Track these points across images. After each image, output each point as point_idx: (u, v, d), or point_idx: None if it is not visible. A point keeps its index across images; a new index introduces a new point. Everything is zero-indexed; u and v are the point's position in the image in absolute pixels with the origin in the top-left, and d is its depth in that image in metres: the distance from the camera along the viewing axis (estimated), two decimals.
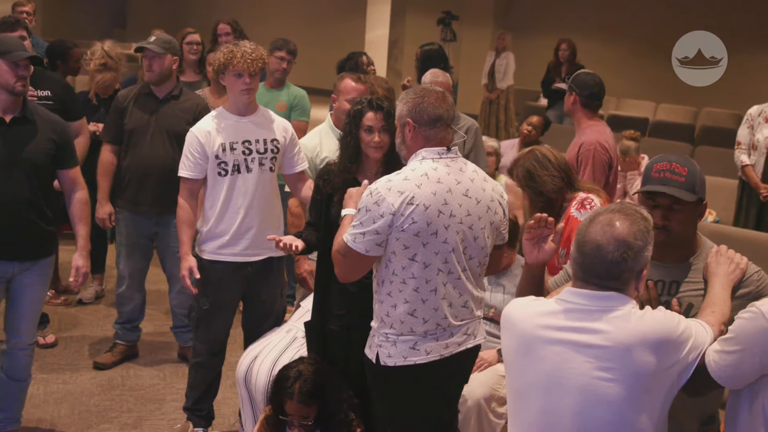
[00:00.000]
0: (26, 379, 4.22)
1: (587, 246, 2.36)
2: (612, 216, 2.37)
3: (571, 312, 2.38)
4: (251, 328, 4.41)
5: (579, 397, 2.34)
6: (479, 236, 3.16)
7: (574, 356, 2.34)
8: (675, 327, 2.34)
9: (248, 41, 4.21)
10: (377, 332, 3.22)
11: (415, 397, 3.23)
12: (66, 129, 4.12)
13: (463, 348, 3.21)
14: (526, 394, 2.48)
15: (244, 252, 4.20)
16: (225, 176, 4.13)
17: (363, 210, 3.06)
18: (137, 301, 5.32)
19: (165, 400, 4.89)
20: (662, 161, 2.74)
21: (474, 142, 5.35)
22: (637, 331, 2.30)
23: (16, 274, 3.99)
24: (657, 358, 2.29)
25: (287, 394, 3.45)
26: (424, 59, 6.62)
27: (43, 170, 3.97)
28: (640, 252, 2.34)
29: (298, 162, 4.32)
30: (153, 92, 5.06)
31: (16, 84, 3.83)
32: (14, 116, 3.89)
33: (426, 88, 3.25)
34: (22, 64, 3.84)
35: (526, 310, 2.50)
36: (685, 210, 2.67)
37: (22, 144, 3.89)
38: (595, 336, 2.32)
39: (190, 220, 4.22)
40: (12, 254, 3.93)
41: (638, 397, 2.31)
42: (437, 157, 3.12)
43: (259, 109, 4.26)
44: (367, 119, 3.56)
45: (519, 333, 2.48)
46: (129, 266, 5.21)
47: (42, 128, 3.96)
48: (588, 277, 2.38)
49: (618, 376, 2.30)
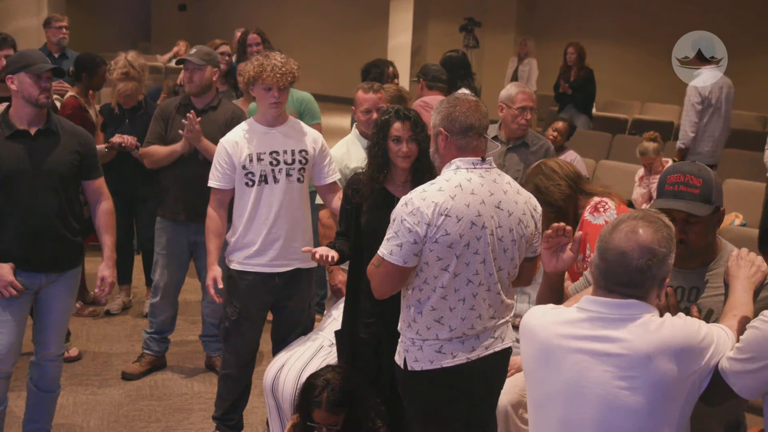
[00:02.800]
0: (55, 390, 4.25)
1: (610, 253, 2.33)
2: (635, 223, 2.34)
3: (591, 320, 2.36)
4: (279, 338, 4.42)
5: (599, 407, 2.32)
6: (509, 248, 3.15)
7: (594, 365, 2.32)
8: (696, 334, 2.31)
9: (279, 53, 4.22)
10: (404, 337, 3.23)
11: (445, 401, 3.22)
12: (90, 140, 4.15)
13: (491, 351, 3.20)
14: (546, 404, 2.46)
15: (271, 263, 4.21)
16: (252, 186, 4.14)
17: (398, 220, 3.05)
18: (169, 313, 5.37)
19: (193, 409, 4.91)
20: (675, 173, 2.70)
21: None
22: (658, 339, 2.27)
23: (44, 286, 4.02)
24: (678, 366, 2.26)
25: (315, 403, 3.45)
26: (447, 66, 6.62)
27: (68, 182, 4.00)
28: (664, 259, 2.32)
29: (329, 173, 4.32)
30: (192, 103, 5.11)
31: (40, 96, 3.86)
32: (39, 128, 3.92)
33: (459, 97, 3.25)
34: (44, 76, 3.87)
35: (546, 318, 2.48)
36: (702, 221, 2.65)
37: (47, 156, 3.92)
38: (614, 345, 2.30)
39: (219, 230, 4.24)
40: (39, 266, 3.96)
41: (660, 406, 2.28)
42: (471, 167, 3.11)
43: (288, 120, 4.28)
44: (395, 129, 3.57)
45: (538, 342, 2.46)
46: (165, 276, 5.25)
47: (66, 140, 3.99)
48: (610, 284, 2.35)
49: (638, 385, 2.27)
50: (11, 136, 3.89)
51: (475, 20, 13.28)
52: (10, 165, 3.85)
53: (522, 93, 5.12)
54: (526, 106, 5.05)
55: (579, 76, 9.96)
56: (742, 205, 7.01)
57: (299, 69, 4.18)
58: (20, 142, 3.89)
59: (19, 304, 3.94)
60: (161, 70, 12.70)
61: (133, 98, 5.82)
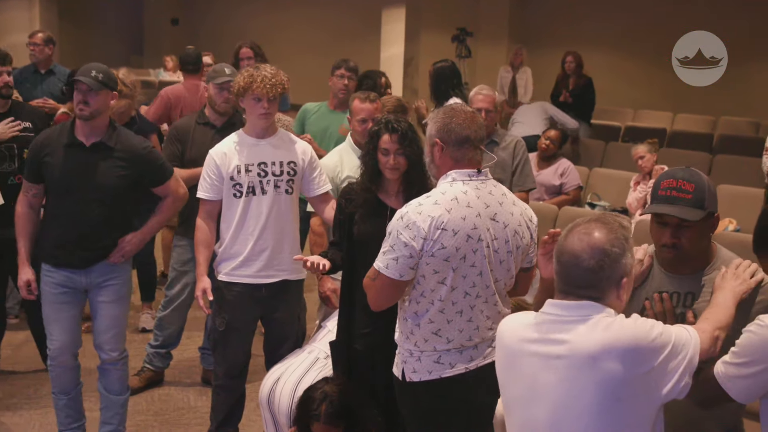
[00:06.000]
0: (123, 392, 4.45)
1: (564, 255, 2.37)
2: (589, 225, 2.37)
3: (545, 323, 2.39)
4: (270, 350, 4.42)
5: (551, 409, 2.34)
6: (505, 260, 3.16)
7: (544, 368, 2.35)
8: (646, 334, 2.29)
9: (269, 65, 4.23)
10: (401, 348, 3.23)
11: (443, 410, 3.23)
12: (145, 153, 4.24)
13: (488, 360, 3.19)
14: (510, 408, 2.50)
15: (258, 273, 4.21)
16: (240, 198, 4.14)
17: (394, 234, 3.05)
18: (177, 327, 5.37)
19: (190, 424, 4.90)
20: (668, 178, 2.71)
21: (522, 156, 5.35)
22: (602, 339, 2.27)
23: (91, 289, 4.20)
24: (624, 366, 2.25)
25: (314, 416, 3.44)
26: (437, 77, 6.63)
27: (118, 194, 4.14)
28: (617, 259, 2.33)
29: (320, 184, 4.32)
30: (211, 122, 5.08)
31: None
32: (95, 141, 4.08)
33: (455, 107, 3.25)
34: (82, 88, 4.00)
35: (512, 323, 2.52)
36: (695, 227, 2.65)
37: (97, 169, 4.08)
38: (561, 347, 2.32)
39: (207, 241, 4.24)
40: (75, 265, 4.16)
41: (608, 406, 2.28)
42: (467, 180, 3.11)
43: (278, 131, 4.28)
44: (383, 141, 3.58)
45: (503, 346, 2.52)
46: (183, 293, 5.26)
47: (120, 155, 4.12)
48: (567, 287, 2.37)
49: (584, 386, 2.28)
50: (68, 146, 4.09)
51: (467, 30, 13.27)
52: (63, 174, 4.08)
53: (479, 95, 5.30)
54: (481, 108, 5.15)
55: (578, 84, 10.00)
56: (736, 210, 7.00)
57: (289, 81, 4.19)
58: (75, 153, 4.09)
59: (68, 304, 4.22)
60: (154, 84, 12.70)
61: (126, 115, 5.83)
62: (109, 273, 4.23)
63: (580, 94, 9.98)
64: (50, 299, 4.22)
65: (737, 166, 8.65)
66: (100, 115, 4.06)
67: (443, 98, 6.39)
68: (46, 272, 4.22)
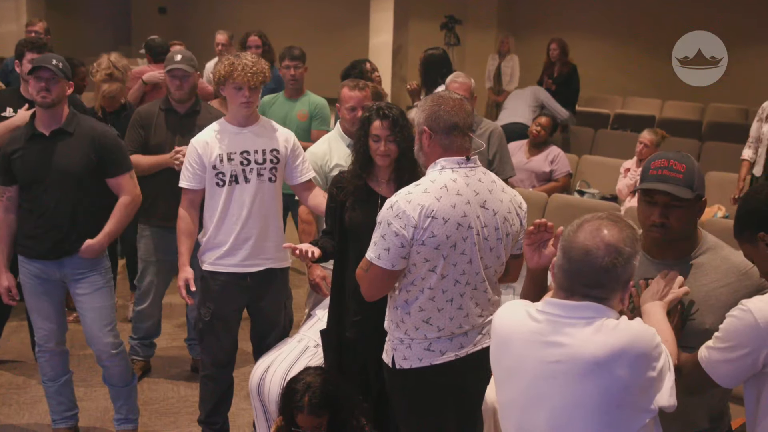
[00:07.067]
0: (127, 383, 4.46)
1: (575, 251, 2.25)
2: (600, 222, 2.27)
3: (546, 324, 2.29)
4: (257, 340, 4.42)
5: (550, 414, 2.27)
6: (495, 247, 3.15)
7: (544, 372, 2.27)
8: (650, 340, 2.23)
9: (250, 54, 4.20)
10: (392, 336, 3.23)
11: (433, 397, 3.23)
12: (108, 139, 4.24)
13: (479, 347, 3.20)
14: (507, 411, 2.44)
15: (243, 263, 4.19)
16: (222, 186, 4.12)
17: (384, 224, 3.04)
18: (156, 318, 5.34)
19: (180, 413, 4.89)
20: (660, 158, 2.70)
21: (498, 145, 5.34)
22: (609, 344, 2.18)
23: (68, 282, 4.23)
24: (630, 373, 2.18)
25: (297, 407, 3.43)
26: (428, 64, 6.62)
27: (81, 181, 4.13)
28: (629, 259, 2.24)
29: (303, 171, 4.30)
30: (174, 108, 5.05)
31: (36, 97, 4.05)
32: (54, 129, 4.11)
33: (443, 95, 3.23)
34: (45, 75, 4.01)
35: (509, 320, 2.42)
36: (684, 207, 2.64)
37: (59, 154, 4.10)
38: (560, 350, 2.24)
39: (190, 230, 4.22)
40: (44, 255, 4.18)
41: (610, 413, 2.21)
42: (456, 167, 3.10)
43: (260, 119, 4.26)
44: (374, 128, 3.56)
45: (498, 344, 2.43)
46: (155, 283, 5.23)
47: (81, 140, 4.13)
48: (573, 285, 2.27)
49: (586, 392, 2.21)
50: (30, 139, 4.13)
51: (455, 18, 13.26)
52: (27, 166, 4.11)
53: (455, 82, 5.24)
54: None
55: (562, 71, 9.98)
56: (724, 197, 7.02)
57: (270, 69, 4.17)
58: (36, 144, 4.11)
59: (46, 294, 4.27)
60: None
61: (116, 100, 5.79)
62: (83, 266, 4.22)
63: (564, 82, 9.96)
64: (29, 290, 4.28)
65: (726, 153, 8.67)
66: (60, 102, 4.09)
67: (432, 86, 6.38)
68: (22, 263, 4.27)
